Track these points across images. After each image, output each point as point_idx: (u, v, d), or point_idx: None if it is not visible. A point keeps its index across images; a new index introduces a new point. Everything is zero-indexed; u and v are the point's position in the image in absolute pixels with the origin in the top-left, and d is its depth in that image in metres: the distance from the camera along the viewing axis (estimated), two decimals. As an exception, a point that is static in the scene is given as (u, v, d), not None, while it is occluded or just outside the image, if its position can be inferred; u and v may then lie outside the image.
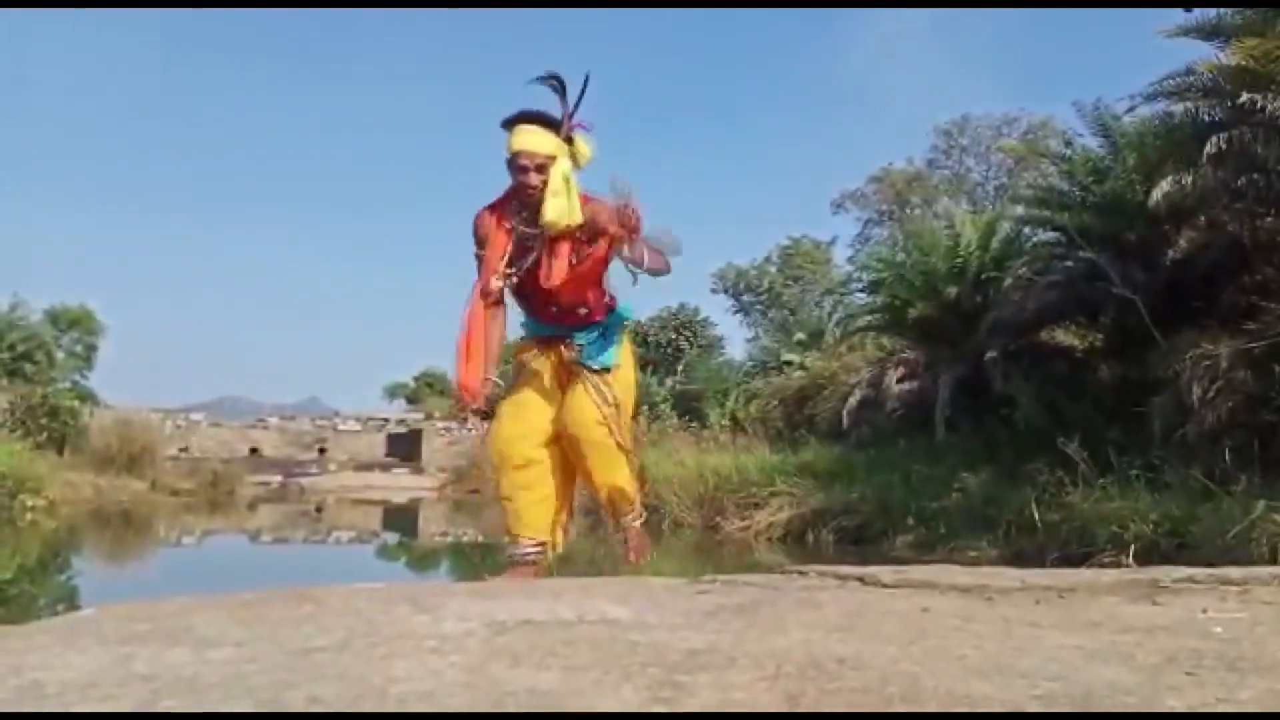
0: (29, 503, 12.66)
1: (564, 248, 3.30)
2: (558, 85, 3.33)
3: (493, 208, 3.39)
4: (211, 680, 1.44)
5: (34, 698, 1.36)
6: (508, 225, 3.34)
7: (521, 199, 3.30)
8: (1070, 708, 1.34)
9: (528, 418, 3.41)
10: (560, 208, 3.22)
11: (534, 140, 3.25)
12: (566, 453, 3.45)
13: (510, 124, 3.30)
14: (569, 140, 3.30)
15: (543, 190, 3.23)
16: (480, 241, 3.38)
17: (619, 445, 3.43)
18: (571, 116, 3.32)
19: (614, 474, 3.46)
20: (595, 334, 3.46)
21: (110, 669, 1.53)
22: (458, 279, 3.53)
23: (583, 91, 3.32)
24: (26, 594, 6.84)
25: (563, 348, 3.43)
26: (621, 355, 3.53)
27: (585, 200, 3.32)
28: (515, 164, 3.26)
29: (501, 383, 3.43)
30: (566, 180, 3.25)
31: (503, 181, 3.37)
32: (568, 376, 3.44)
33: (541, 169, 3.23)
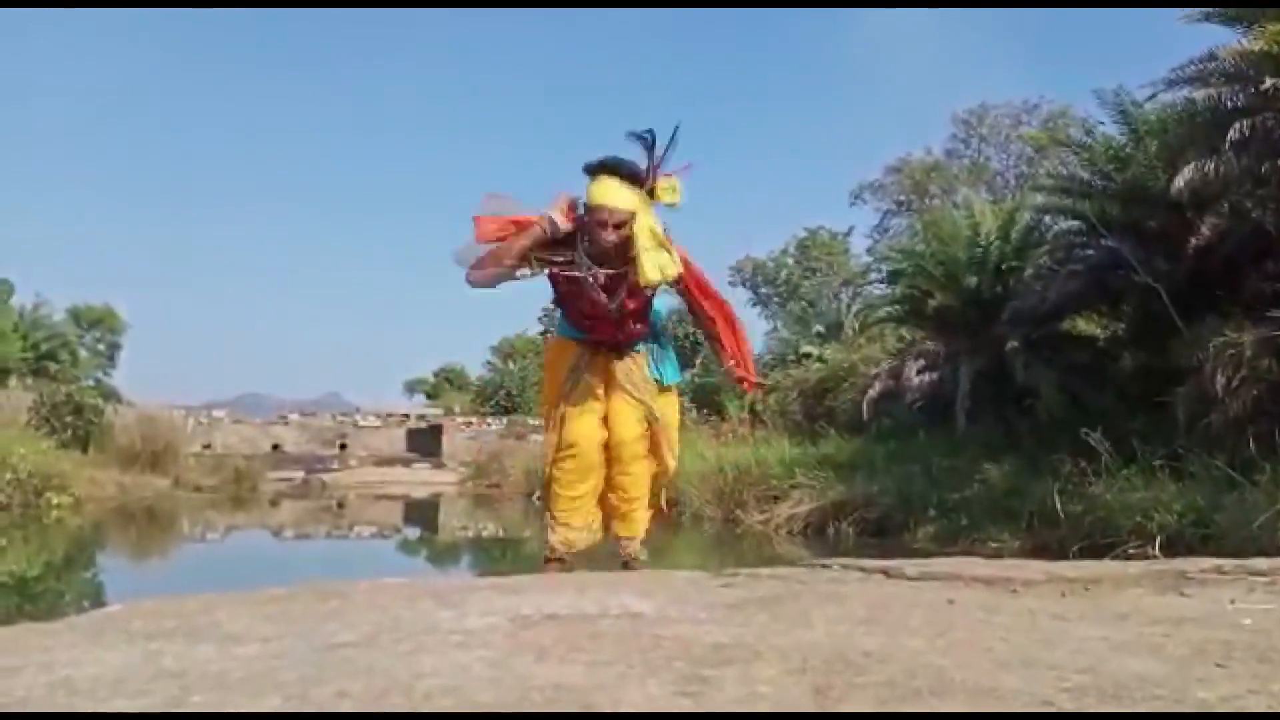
0: (54, 500, 12.75)
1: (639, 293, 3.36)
2: (649, 140, 3.29)
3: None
4: (240, 676, 1.45)
5: (65, 694, 1.37)
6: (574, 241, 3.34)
7: (594, 241, 3.29)
8: (1100, 700, 1.33)
9: (594, 422, 3.47)
10: (657, 263, 3.21)
11: (615, 196, 3.23)
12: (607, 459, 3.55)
13: (593, 172, 3.29)
14: (650, 192, 3.28)
15: (616, 247, 3.24)
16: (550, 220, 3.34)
17: (658, 459, 3.56)
18: (657, 169, 3.29)
19: (641, 489, 3.57)
20: (651, 345, 3.55)
21: (139, 665, 1.54)
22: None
23: (670, 142, 3.30)
24: (53, 591, 6.90)
25: (629, 358, 3.49)
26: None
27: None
28: (594, 217, 3.26)
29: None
30: (654, 234, 3.23)
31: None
32: (611, 383, 3.49)
33: (620, 226, 3.22)
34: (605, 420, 3.48)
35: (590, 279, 3.33)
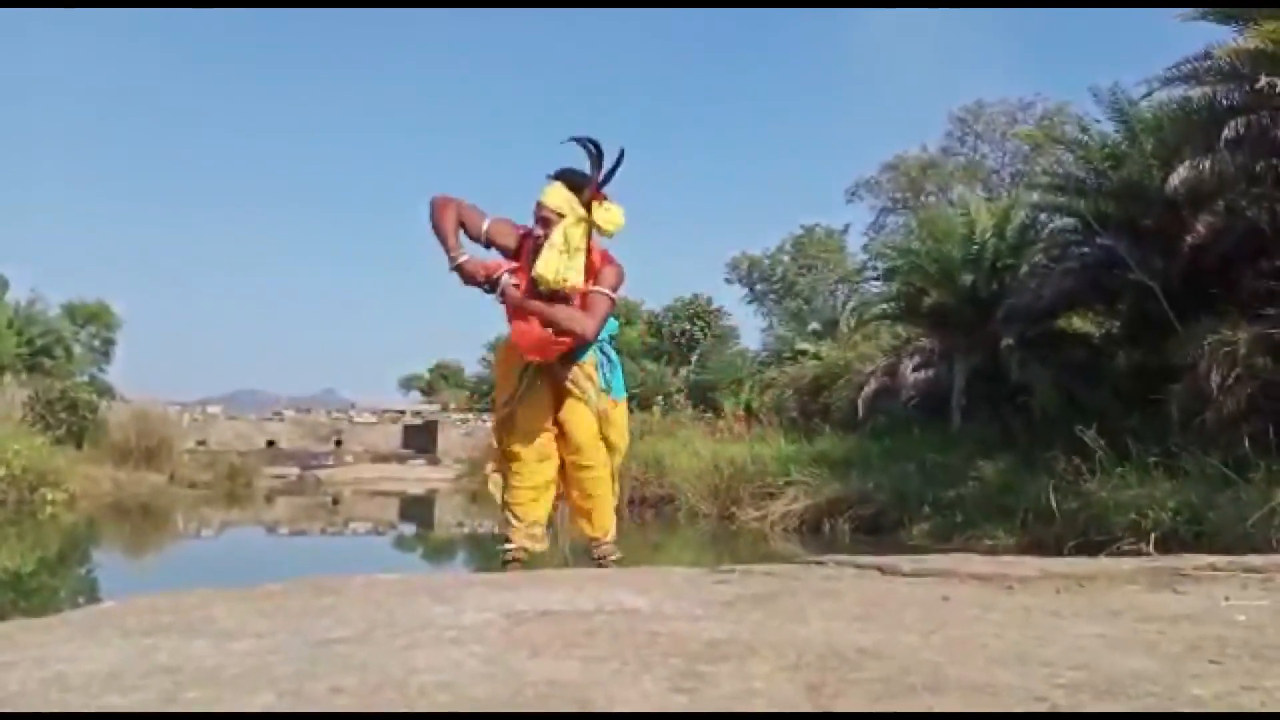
0: (49, 496, 12.74)
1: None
2: (594, 152, 3.45)
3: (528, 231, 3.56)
4: (234, 671, 1.44)
5: (59, 690, 1.37)
6: (530, 247, 3.51)
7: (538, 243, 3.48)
8: (1094, 697, 1.33)
9: (539, 426, 3.57)
10: (550, 262, 3.38)
11: (550, 195, 3.44)
12: (563, 459, 3.65)
13: (552, 177, 3.50)
14: (588, 205, 3.43)
15: (543, 241, 3.42)
16: (499, 229, 3.54)
17: (609, 467, 3.67)
18: (598, 186, 3.44)
19: (605, 487, 3.66)
20: (596, 355, 3.62)
21: (133, 661, 1.53)
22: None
23: (615, 167, 3.45)
24: (47, 587, 6.89)
25: (575, 366, 3.57)
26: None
27: (605, 259, 3.52)
28: (535, 210, 3.48)
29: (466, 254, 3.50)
30: (567, 240, 3.39)
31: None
32: (562, 388, 3.59)
33: (546, 222, 3.42)
34: (559, 423, 3.58)
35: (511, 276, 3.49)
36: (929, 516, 9.36)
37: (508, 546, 3.61)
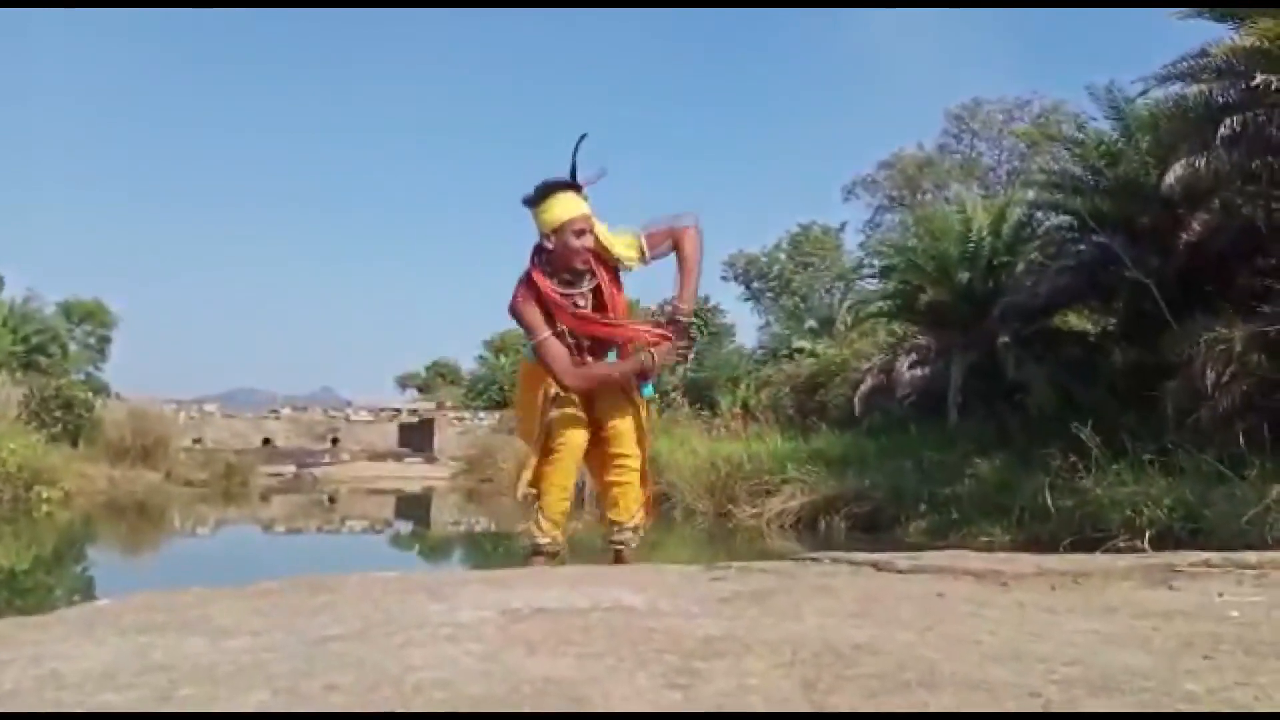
0: (44, 494, 12.75)
1: (614, 289, 3.55)
2: (574, 150, 3.49)
3: (532, 288, 3.47)
4: (229, 669, 1.44)
5: (53, 688, 1.36)
6: (558, 295, 3.47)
7: (567, 264, 3.45)
8: (1088, 692, 1.33)
9: (581, 425, 3.57)
10: (629, 245, 3.50)
11: (579, 205, 3.44)
12: (598, 453, 3.65)
13: (541, 199, 3.43)
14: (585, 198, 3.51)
15: (586, 255, 3.44)
16: (536, 322, 3.46)
17: (642, 461, 3.67)
18: (577, 175, 3.48)
19: (634, 470, 3.66)
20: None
21: (128, 659, 1.53)
22: (469, 271, 3.62)
23: (575, 152, 3.48)
24: (43, 585, 6.89)
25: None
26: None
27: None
28: (572, 229, 3.41)
29: None
30: (605, 229, 3.49)
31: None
32: (596, 393, 3.61)
33: (591, 231, 3.45)
34: (595, 419, 3.60)
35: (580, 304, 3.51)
36: (925, 514, 9.39)
37: (537, 540, 3.60)
